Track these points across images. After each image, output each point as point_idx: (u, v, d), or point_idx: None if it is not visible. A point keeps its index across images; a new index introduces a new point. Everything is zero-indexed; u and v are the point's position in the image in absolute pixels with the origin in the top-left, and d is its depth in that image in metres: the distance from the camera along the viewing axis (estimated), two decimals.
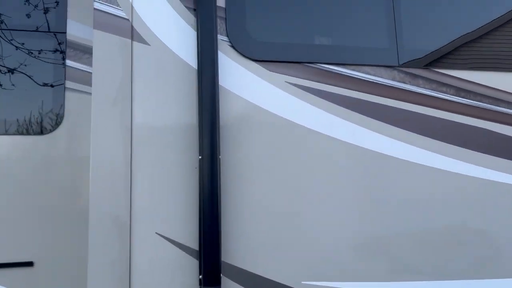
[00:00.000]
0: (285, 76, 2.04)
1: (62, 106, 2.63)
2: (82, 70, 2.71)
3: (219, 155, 1.77)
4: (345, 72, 2.12)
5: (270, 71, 2.02)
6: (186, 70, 1.94)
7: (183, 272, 1.74)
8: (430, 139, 2.16)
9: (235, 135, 1.90)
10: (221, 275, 1.69)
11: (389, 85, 2.15)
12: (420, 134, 2.15)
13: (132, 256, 1.69)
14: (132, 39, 1.85)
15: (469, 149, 2.17)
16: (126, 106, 1.81)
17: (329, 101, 2.06)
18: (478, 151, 2.18)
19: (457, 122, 2.17)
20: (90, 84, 2.67)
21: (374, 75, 2.13)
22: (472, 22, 2.35)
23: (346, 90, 2.10)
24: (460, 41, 2.28)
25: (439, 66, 2.24)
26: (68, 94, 2.64)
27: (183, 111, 1.91)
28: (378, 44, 2.19)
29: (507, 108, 2.23)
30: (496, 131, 2.22)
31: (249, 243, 1.84)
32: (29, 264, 2.42)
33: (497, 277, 2.07)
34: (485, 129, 2.20)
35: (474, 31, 2.29)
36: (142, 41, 1.88)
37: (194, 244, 1.78)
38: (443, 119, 2.18)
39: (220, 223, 1.73)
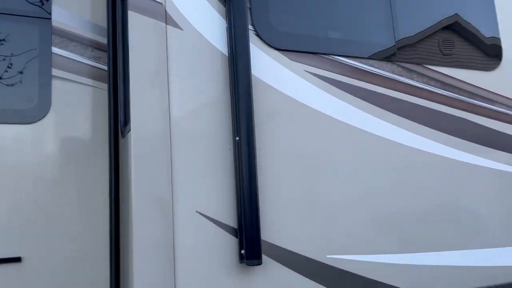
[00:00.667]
0: (303, 65, 2.25)
1: (49, 94, 2.58)
2: (69, 58, 2.69)
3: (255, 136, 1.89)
4: (352, 64, 2.40)
5: (290, 60, 2.21)
6: (217, 56, 2.05)
7: (222, 249, 1.83)
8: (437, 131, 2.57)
9: (263, 118, 2.05)
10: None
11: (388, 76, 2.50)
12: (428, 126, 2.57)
13: (175, 235, 1.75)
14: (166, 23, 1.92)
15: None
16: (164, 88, 1.87)
17: (339, 89, 2.31)
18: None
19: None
20: (77, 73, 2.67)
21: (377, 67, 2.48)
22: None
23: (353, 79, 2.37)
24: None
25: (428, 63, 2.67)
26: (55, 82, 2.60)
27: (216, 95, 2.01)
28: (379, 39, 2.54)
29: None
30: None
31: (279, 221, 1.98)
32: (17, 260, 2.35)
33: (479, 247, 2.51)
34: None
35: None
36: (176, 25, 1.96)
37: (232, 222, 1.88)
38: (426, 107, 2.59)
39: (258, 201, 1.84)
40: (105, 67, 2.75)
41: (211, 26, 2.05)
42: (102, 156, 2.71)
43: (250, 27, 2.07)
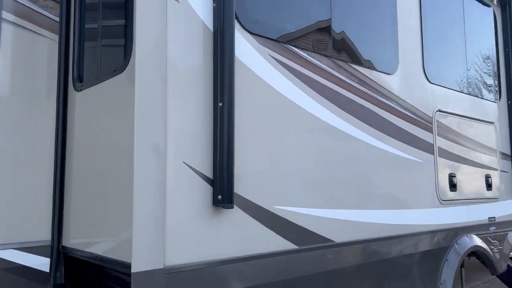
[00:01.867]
0: (267, 49, 2.62)
1: None
2: (18, 2, 2.69)
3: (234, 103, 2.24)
4: (300, 53, 2.83)
5: (258, 43, 2.56)
6: (205, 30, 2.30)
7: (201, 194, 2.17)
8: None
9: (238, 89, 2.33)
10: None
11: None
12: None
13: (166, 179, 2.04)
14: None
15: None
16: (163, 56, 2.09)
17: (289, 72, 2.73)
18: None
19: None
20: (27, 19, 2.71)
21: (317, 60, 2.95)
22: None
23: (299, 66, 2.80)
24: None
25: (351, 62, 3.23)
26: (4, 25, 2.60)
27: (203, 65, 2.27)
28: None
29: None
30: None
31: (244, 178, 2.35)
32: None
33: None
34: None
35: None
36: None
37: (210, 174, 2.22)
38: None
39: (234, 159, 2.20)
40: (57, 19, 2.83)
41: (201, 3, 2.29)
42: (46, 105, 2.81)
43: None
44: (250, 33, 2.52)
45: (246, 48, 2.48)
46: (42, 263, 2.63)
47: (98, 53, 2.72)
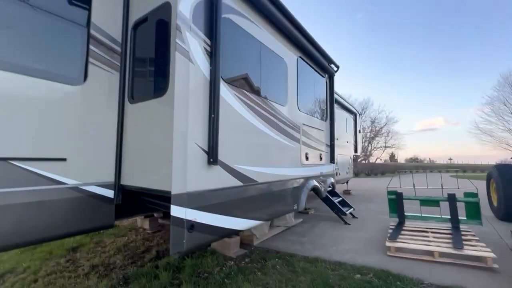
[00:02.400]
0: (233, 91, 2.73)
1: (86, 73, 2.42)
2: (101, 55, 2.54)
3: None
4: (247, 94, 2.97)
5: (229, 86, 2.66)
6: (206, 79, 2.38)
7: (202, 158, 2.28)
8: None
9: (221, 108, 2.45)
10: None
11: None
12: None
13: (187, 150, 2.14)
14: (190, 61, 2.18)
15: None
16: (186, 88, 2.19)
17: (243, 102, 2.86)
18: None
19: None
20: (101, 62, 2.57)
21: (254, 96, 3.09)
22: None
23: (247, 99, 2.94)
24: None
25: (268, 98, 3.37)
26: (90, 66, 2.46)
27: (204, 95, 2.33)
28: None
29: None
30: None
31: (222, 151, 2.45)
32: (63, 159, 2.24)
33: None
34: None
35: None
36: (193, 63, 2.22)
37: (206, 148, 2.32)
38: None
39: (218, 141, 2.34)
40: (117, 61, 2.71)
41: (204, 66, 2.35)
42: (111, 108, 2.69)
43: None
44: (225, 82, 2.62)
45: (223, 89, 2.56)
46: (110, 193, 2.59)
47: (143, 83, 2.66)
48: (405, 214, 4.52)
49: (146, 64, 2.56)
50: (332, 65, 5.24)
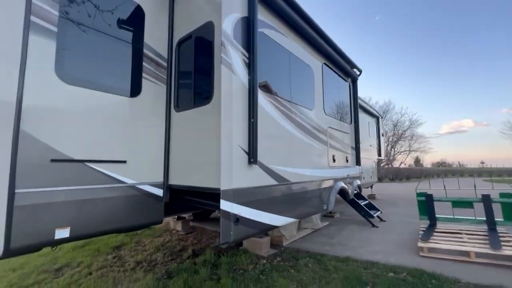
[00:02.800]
0: (267, 96, 2.92)
1: (141, 86, 2.75)
2: (150, 69, 2.86)
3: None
4: (279, 99, 3.14)
5: (264, 93, 2.86)
6: (246, 88, 2.62)
7: (244, 158, 2.47)
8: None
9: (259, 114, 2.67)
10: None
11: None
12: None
13: (232, 150, 2.35)
14: (233, 73, 2.44)
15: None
16: (230, 97, 2.41)
17: (275, 106, 3.08)
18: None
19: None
20: (152, 76, 2.87)
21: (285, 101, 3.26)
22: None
23: (279, 104, 3.12)
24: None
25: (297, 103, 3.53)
26: (144, 81, 2.79)
27: (244, 103, 2.55)
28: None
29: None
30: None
31: (260, 153, 2.61)
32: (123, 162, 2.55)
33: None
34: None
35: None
36: (235, 74, 2.45)
37: (247, 150, 2.51)
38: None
39: (257, 145, 2.52)
40: (164, 75, 3.02)
41: (243, 75, 2.56)
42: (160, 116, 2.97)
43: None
44: (260, 89, 2.81)
45: (260, 96, 2.75)
46: (159, 191, 2.86)
47: (187, 94, 2.95)
48: (436, 216, 4.46)
49: (190, 76, 2.85)
50: (355, 70, 5.34)
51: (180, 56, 2.96)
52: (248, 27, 2.56)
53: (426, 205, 4.49)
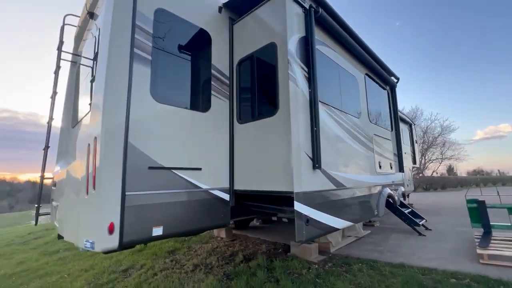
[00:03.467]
0: (325, 108, 3.14)
1: (210, 102, 3.10)
2: (217, 88, 3.22)
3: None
4: (333, 108, 3.42)
5: (322, 104, 3.08)
6: (307, 98, 2.91)
7: (309, 164, 2.68)
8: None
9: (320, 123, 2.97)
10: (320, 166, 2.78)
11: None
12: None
13: (301, 158, 2.59)
14: (297, 86, 2.77)
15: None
16: (294, 107, 2.71)
17: (331, 115, 3.33)
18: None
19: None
20: (217, 92, 3.20)
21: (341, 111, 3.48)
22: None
23: (334, 114, 3.37)
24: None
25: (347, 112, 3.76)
26: (213, 98, 3.14)
27: (307, 110, 2.88)
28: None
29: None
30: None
31: (323, 160, 2.80)
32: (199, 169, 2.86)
33: None
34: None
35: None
36: (298, 86, 2.80)
37: (312, 156, 2.72)
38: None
39: (320, 152, 2.74)
40: (227, 91, 3.35)
41: (305, 88, 2.82)
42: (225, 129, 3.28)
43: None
44: (320, 102, 3.03)
45: (319, 107, 2.95)
46: (227, 196, 3.12)
47: (249, 107, 3.26)
48: (491, 223, 4.32)
49: (252, 92, 3.17)
50: (393, 77, 5.43)
51: (241, 74, 3.29)
52: (307, 45, 2.84)
53: (478, 212, 4.37)
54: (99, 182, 2.09)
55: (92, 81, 2.94)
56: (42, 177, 3.46)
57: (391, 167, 4.92)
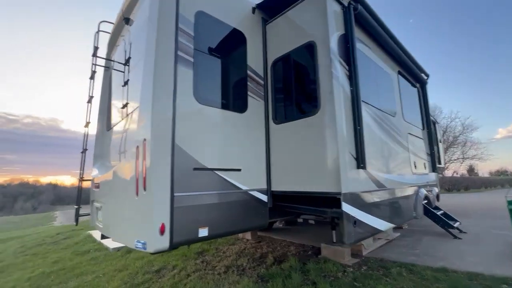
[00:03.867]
0: (366, 107, 3.07)
1: (247, 104, 3.10)
2: (254, 88, 3.21)
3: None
4: (374, 108, 3.34)
5: (364, 104, 3.10)
6: (347, 97, 2.85)
7: (354, 164, 2.64)
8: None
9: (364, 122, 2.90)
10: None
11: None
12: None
13: (345, 157, 2.53)
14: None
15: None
16: (339, 106, 2.66)
17: (370, 114, 3.25)
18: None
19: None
20: (254, 94, 3.20)
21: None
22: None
23: (375, 115, 3.32)
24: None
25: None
26: (249, 99, 3.13)
27: (350, 112, 2.82)
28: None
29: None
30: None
31: (368, 160, 2.85)
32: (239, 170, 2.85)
33: None
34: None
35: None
36: (340, 85, 2.75)
37: (356, 156, 2.68)
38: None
39: (365, 152, 2.71)
40: (262, 92, 3.34)
41: (346, 86, 2.78)
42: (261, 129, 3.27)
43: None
44: (363, 101, 2.96)
45: (362, 106, 2.89)
46: (265, 197, 3.10)
47: (286, 107, 3.22)
48: None
49: (288, 91, 3.14)
50: (423, 74, 5.26)
51: (275, 74, 3.27)
52: (347, 43, 2.78)
53: None
54: (150, 184, 2.11)
55: (124, 84, 3.03)
56: (81, 179, 3.56)
57: (425, 167, 4.74)
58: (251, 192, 2.90)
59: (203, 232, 2.39)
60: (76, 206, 3.53)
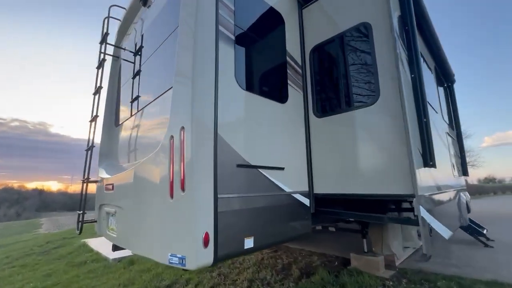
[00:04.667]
0: None
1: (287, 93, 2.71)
2: (294, 78, 2.84)
3: None
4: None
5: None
6: (409, 84, 2.38)
7: (421, 161, 2.24)
8: None
9: None
10: None
11: None
12: None
13: (414, 157, 2.16)
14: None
15: None
16: (397, 96, 2.30)
17: None
18: None
19: None
20: (295, 84, 2.82)
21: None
22: None
23: None
24: None
25: None
26: (290, 88, 2.76)
27: (413, 105, 2.44)
28: None
29: None
30: None
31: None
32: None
33: None
34: None
35: None
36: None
37: (421, 150, 2.32)
38: None
39: (433, 146, 2.32)
40: (300, 82, 2.97)
41: (408, 73, 2.39)
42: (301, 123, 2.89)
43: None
44: None
45: None
46: (307, 201, 2.71)
47: (331, 98, 2.84)
48: None
49: (333, 80, 2.78)
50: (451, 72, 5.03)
51: (315, 62, 2.92)
52: (405, 25, 2.44)
53: None
54: (190, 182, 1.67)
55: (135, 75, 2.54)
56: (87, 181, 3.07)
57: (460, 170, 4.43)
58: (294, 195, 2.49)
59: (249, 242, 1.94)
60: (79, 212, 3.02)
